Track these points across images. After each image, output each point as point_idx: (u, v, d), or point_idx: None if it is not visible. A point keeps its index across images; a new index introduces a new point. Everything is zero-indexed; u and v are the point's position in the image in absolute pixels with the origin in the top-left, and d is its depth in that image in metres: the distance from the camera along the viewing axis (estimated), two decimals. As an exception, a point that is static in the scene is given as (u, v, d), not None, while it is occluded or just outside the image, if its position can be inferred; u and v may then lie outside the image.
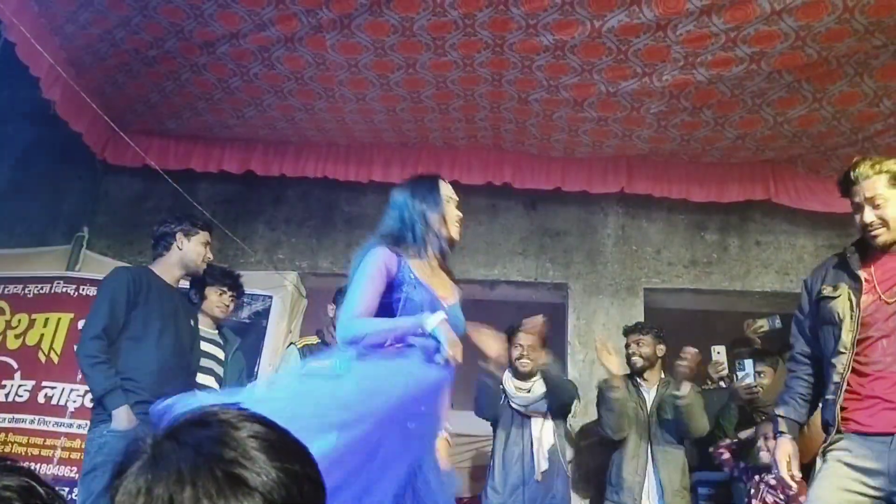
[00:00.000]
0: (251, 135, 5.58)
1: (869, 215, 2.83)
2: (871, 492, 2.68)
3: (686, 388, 4.42)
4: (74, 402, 4.97)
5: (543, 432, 4.50)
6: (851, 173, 2.89)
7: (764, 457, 4.18)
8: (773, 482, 4.17)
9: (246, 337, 5.08)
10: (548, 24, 4.11)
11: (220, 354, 4.38)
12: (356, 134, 5.49)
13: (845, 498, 2.70)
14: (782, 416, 2.99)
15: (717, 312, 6.22)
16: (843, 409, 2.80)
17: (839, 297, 2.87)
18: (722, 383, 5.14)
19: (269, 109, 5.18)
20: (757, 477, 4.25)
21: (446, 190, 3.01)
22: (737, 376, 4.57)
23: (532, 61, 4.44)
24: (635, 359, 4.66)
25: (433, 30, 4.23)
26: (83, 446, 4.73)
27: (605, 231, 5.97)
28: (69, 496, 4.64)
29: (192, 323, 4.05)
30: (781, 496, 4.07)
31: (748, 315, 5.44)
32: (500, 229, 5.97)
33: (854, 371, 2.81)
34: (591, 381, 5.47)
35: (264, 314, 5.50)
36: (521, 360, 4.55)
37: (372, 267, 2.77)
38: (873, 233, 2.84)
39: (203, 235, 3.95)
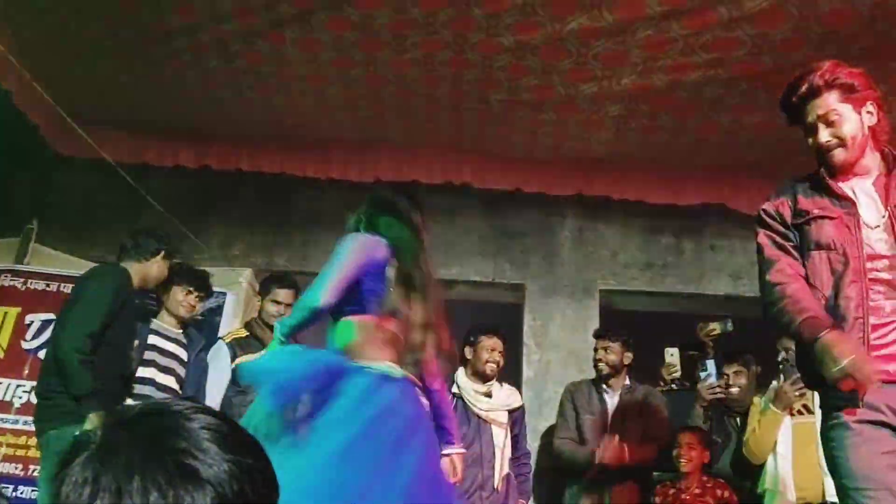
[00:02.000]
0: (208, 129, 5.50)
1: (824, 134, 2.55)
2: None
3: None
4: (20, 398, 4.86)
5: (506, 441, 4.49)
6: (797, 91, 2.60)
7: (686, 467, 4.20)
8: None
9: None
10: (509, 24, 4.10)
11: (184, 355, 4.31)
12: (315, 131, 5.44)
13: (892, 462, 2.27)
14: (812, 317, 2.36)
15: (672, 314, 6.29)
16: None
17: (836, 218, 2.49)
18: (674, 385, 5.21)
19: (227, 104, 5.10)
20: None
21: None
22: (699, 377, 4.62)
23: (493, 61, 4.43)
24: (601, 365, 4.67)
25: (394, 27, 4.21)
26: (29, 443, 4.64)
27: (562, 233, 6.00)
28: (13, 494, 4.53)
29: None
30: None
31: (701, 318, 5.50)
32: (458, 229, 5.97)
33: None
34: (545, 381, 5.51)
35: (218, 311, 5.39)
36: (490, 364, 4.52)
37: None
38: (830, 153, 2.54)
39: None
